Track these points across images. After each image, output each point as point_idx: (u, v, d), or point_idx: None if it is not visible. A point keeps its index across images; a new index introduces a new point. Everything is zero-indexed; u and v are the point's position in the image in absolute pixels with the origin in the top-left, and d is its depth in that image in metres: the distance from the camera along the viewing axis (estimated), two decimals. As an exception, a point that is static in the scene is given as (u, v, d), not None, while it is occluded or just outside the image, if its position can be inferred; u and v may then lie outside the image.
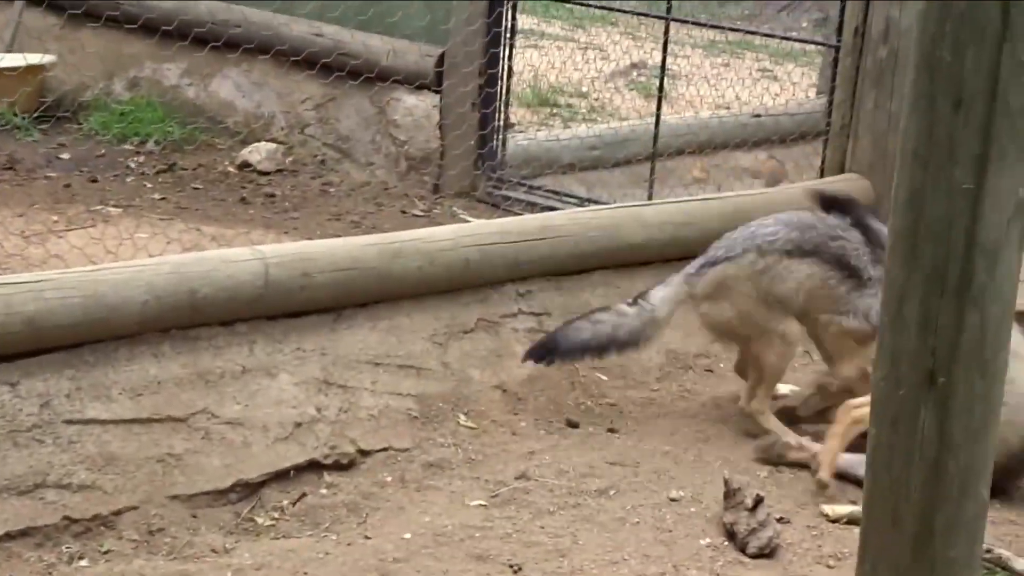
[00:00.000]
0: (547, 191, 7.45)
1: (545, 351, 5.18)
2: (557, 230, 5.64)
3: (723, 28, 9.94)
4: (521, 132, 8.44)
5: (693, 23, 10.07)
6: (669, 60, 11.86)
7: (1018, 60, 1.94)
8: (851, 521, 4.68)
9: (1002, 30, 1.94)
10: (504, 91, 7.48)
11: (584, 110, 10.30)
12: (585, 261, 5.64)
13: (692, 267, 5.32)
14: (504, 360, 5.38)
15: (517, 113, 9.84)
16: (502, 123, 7.53)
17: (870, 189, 6.51)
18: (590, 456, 4.98)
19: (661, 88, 7.41)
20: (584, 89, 10.83)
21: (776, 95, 9.20)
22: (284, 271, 4.86)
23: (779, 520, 4.62)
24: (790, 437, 5.19)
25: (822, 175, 6.71)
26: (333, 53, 7.65)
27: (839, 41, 6.65)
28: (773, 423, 5.28)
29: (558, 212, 6.08)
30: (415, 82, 7.53)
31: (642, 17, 12.31)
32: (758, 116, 8.65)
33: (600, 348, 5.21)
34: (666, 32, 7.26)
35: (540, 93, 10.39)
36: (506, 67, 7.46)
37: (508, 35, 7.44)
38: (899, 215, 2.05)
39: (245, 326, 4.84)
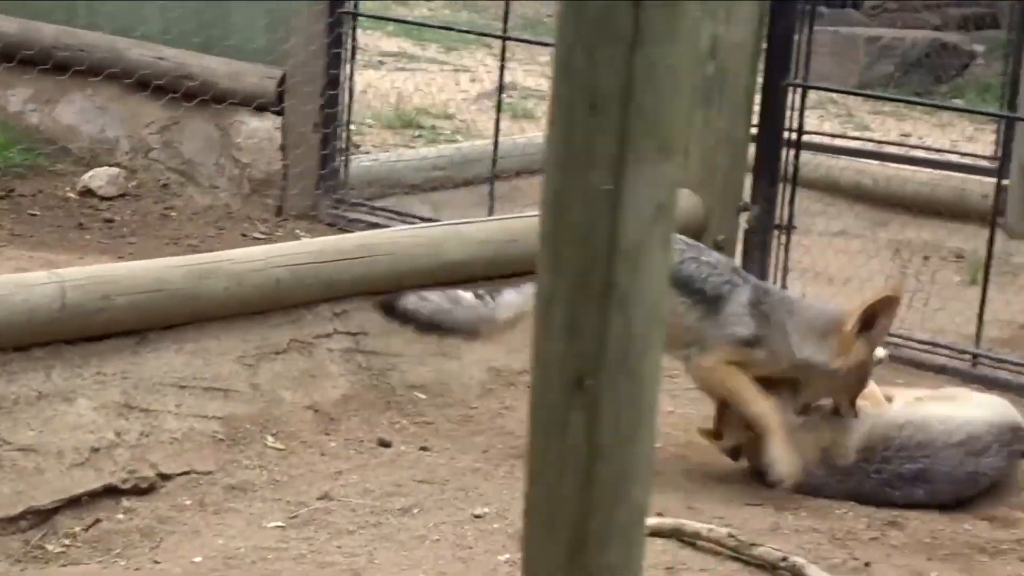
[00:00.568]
0: (390, 212, 7.43)
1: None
2: (375, 249, 5.61)
3: (547, 45, 9.93)
4: (366, 153, 8.41)
5: (527, 41, 10.10)
6: (538, 81, 12.02)
7: (650, 62, 1.93)
8: (654, 533, 4.66)
9: (634, 33, 1.93)
10: (346, 112, 7.45)
11: (448, 131, 10.30)
12: (404, 280, 5.60)
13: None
14: (318, 380, 5.35)
15: (379, 135, 9.85)
16: (344, 144, 7.50)
17: (700, 205, 6.54)
18: (398, 475, 4.95)
19: (499, 108, 7.40)
20: (450, 111, 10.84)
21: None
22: (82, 294, 4.79)
23: (583, 535, 4.61)
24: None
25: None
26: (175, 76, 7.59)
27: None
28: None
29: (377, 231, 6.07)
30: (256, 103, 7.48)
31: (510, 41, 12.36)
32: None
33: (420, 326, 5.26)
34: (503, 51, 7.26)
35: (404, 115, 10.37)
36: (347, 87, 7.43)
37: (349, 56, 7.41)
38: (544, 220, 2.04)
39: (42, 351, 4.77)
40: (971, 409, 5.22)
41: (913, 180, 8.60)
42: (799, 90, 6.63)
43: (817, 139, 9.43)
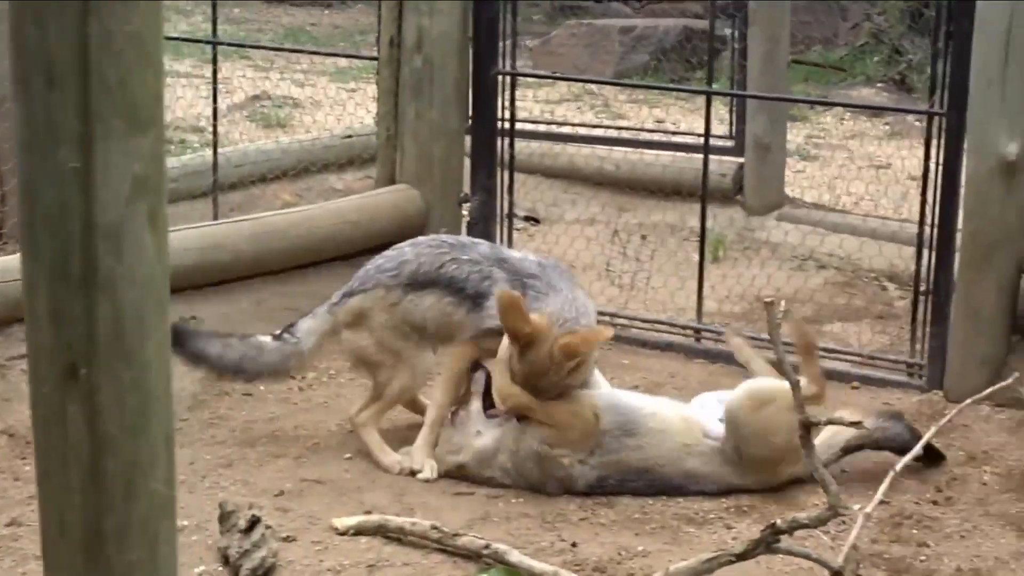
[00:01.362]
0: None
1: (175, 335, 5.03)
2: (70, 265, 5.44)
3: (270, 48, 9.90)
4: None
5: (235, 44, 10.03)
6: (296, 89, 11.89)
7: (107, 30, 1.84)
8: (358, 532, 4.62)
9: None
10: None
11: (197, 144, 10.11)
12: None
13: (335, 297, 5.31)
14: (13, 404, 5.18)
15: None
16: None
17: (419, 199, 6.49)
18: (98, 494, 4.79)
19: (215, 116, 7.27)
20: (201, 124, 10.64)
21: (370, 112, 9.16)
22: None
23: (285, 539, 4.53)
24: (384, 456, 5.19)
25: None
26: None
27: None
28: (373, 439, 5.25)
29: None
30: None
31: (266, 51, 12.25)
32: (349, 136, 8.59)
33: (224, 370, 5.25)
34: (214, 59, 7.14)
35: (151, 131, 10.14)
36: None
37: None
38: (20, 206, 1.94)
39: None
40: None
41: (656, 163, 8.65)
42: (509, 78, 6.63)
43: (556, 129, 9.48)
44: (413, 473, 5.14)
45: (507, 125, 6.61)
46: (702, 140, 8.96)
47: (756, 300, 7.20)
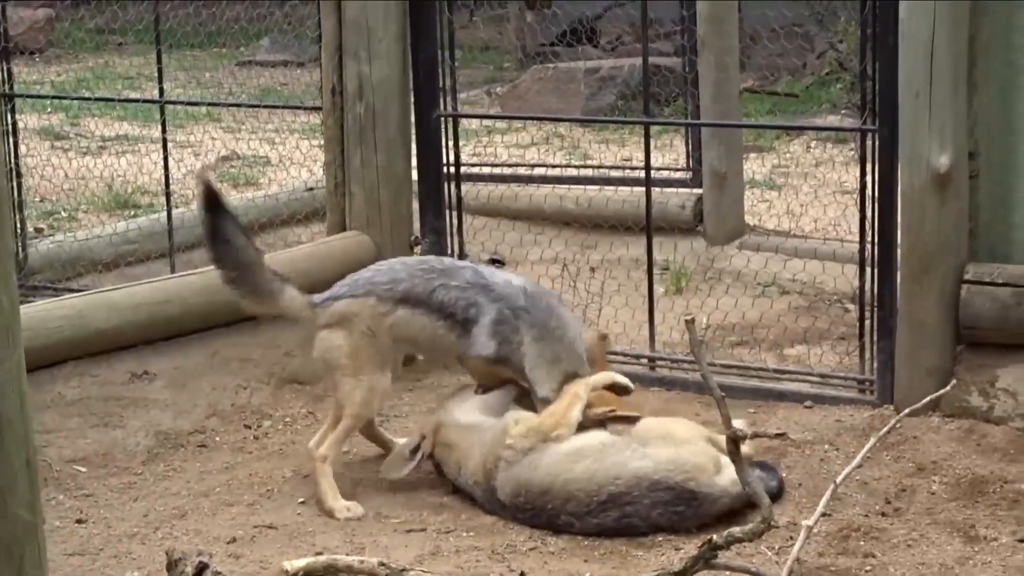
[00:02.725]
0: (77, 291, 7.28)
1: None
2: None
3: (218, 104, 10.02)
4: (49, 236, 8.28)
5: (185, 103, 10.13)
6: (265, 147, 11.98)
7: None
8: (308, 573, 4.63)
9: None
10: (16, 195, 7.32)
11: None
12: (50, 353, 5.51)
13: (315, 297, 5.42)
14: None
15: (96, 219, 9.70)
16: (18, 228, 7.36)
17: (370, 243, 6.55)
18: (50, 551, 4.82)
19: (167, 176, 7.34)
20: (173, 186, 10.71)
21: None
22: None
23: (237, 583, 4.57)
24: (331, 498, 5.21)
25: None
26: None
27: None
28: (326, 480, 5.26)
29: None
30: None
31: (236, 110, 12.35)
32: (311, 189, 8.66)
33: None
34: (162, 117, 7.22)
35: (120, 196, 10.25)
36: (12, 169, 7.31)
37: (10, 136, 7.29)
38: None
39: None
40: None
41: (616, 199, 8.71)
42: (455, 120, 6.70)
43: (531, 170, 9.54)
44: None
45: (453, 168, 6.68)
46: (661, 174, 9.15)
47: (720, 328, 7.25)
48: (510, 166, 9.75)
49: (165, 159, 7.39)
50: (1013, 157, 5.65)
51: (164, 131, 7.34)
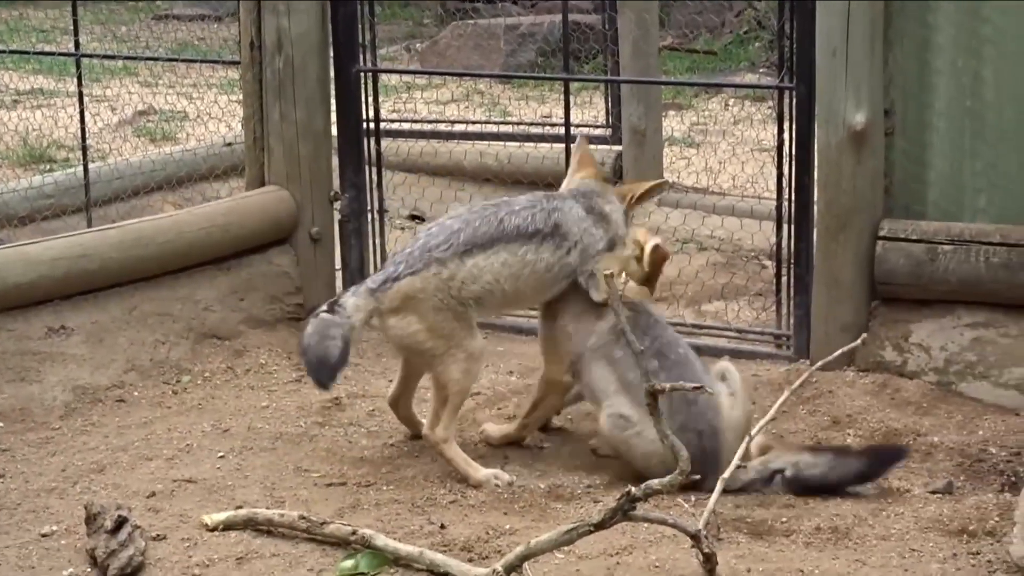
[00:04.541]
0: (-7, 246, 7.21)
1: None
2: (-70, 279, 5.45)
3: (132, 58, 10.00)
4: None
5: (104, 57, 10.05)
6: (183, 102, 11.87)
7: None
8: (228, 527, 4.65)
9: None
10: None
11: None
12: (-37, 309, 5.45)
13: (373, 282, 5.10)
14: None
15: (10, 172, 9.59)
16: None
17: (290, 199, 6.52)
18: (-35, 506, 4.81)
19: (83, 130, 7.28)
20: (89, 141, 10.60)
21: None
22: None
23: (154, 538, 4.56)
24: (473, 471, 5.06)
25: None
26: None
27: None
28: (457, 454, 5.09)
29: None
30: None
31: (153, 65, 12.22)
32: (229, 144, 8.61)
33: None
34: (78, 67, 7.15)
35: (35, 150, 10.13)
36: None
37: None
38: None
39: None
40: None
41: (535, 155, 8.72)
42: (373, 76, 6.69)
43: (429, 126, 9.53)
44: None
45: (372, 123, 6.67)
46: (581, 130, 9.17)
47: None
48: (430, 122, 9.74)
49: (81, 113, 7.33)
50: (927, 115, 5.71)
51: (80, 85, 7.28)
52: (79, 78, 7.33)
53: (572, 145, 6.26)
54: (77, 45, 7.36)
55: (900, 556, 4.39)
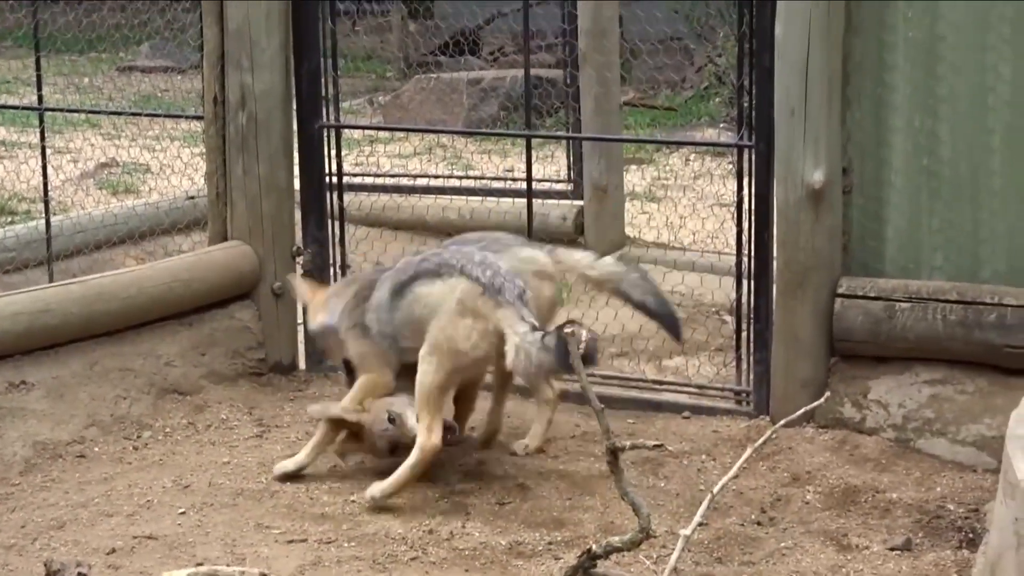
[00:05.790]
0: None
1: None
2: None
3: (93, 112, 10.01)
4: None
5: (67, 111, 10.10)
6: (146, 155, 11.87)
7: None
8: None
9: None
10: None
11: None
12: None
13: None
14: None
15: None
16: None
17: (252, 253, 6.53)
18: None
19: (45, 183, 7.27)
20: (50, 194, 10.58)
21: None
22: None
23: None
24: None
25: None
26: None
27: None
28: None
29: None
30: None
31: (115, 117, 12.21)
32: (192, 198, 8.62)
33: None
34: (40, 121, 7.16)
35: (-7, 203, 10.13)
36: None
37: None
38: None
39: None
40: None
41: (497, 210, 8.76)
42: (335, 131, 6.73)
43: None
44: None
45: (335, 178, 6.71)
46: (543, 186, 9.23)
47: (599, 339, 7.29)
48: (392, 176, 9.78)
49: (44, 167, 7.33)
50: (885, 172, 5.78)
51: (43, 139, 7.27)
52: (42, 132, 7.33)
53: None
54: (40, 99, 7.36)
55: (859, 613, 4.42)
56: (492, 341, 5.24)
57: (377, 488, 5.30)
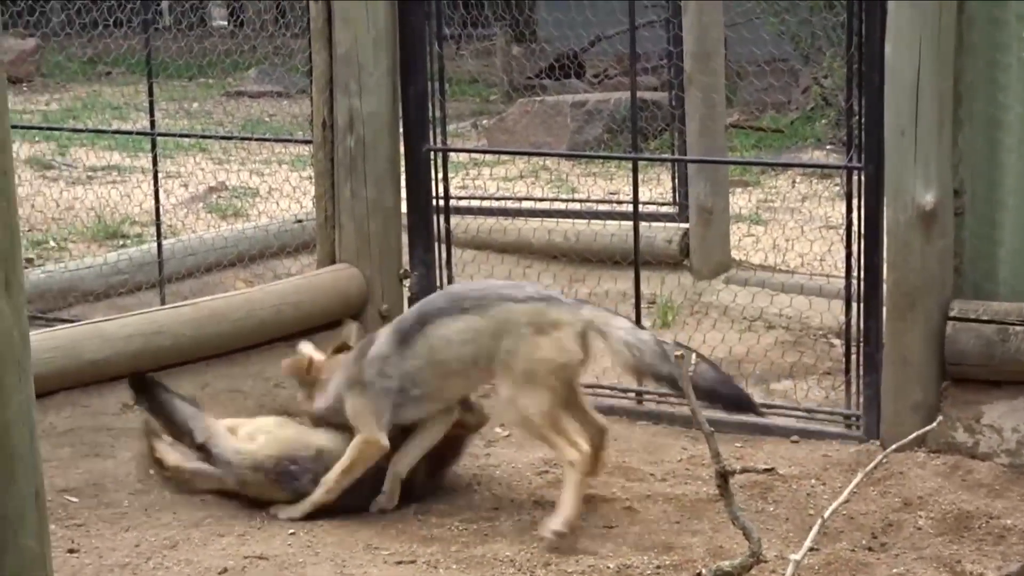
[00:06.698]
0: (66, 321, 7.30)
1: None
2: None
3: (205, 136, 10.05)
4: (39, 266, 8.31)
5: (177, 135, 10.18)
6: (254, 179, 12.02)
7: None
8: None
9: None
10: None
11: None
12: (42, 383, 5.47)
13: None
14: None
15: (86, 248, 9.74)
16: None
17: (359, 276, 6.59)
18: (39, 581, 4.84)
19: (157, 206, 7.38)
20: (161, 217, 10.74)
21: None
22: None
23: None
24: None
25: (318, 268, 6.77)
26: None
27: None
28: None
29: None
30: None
31: (225, 141, 12.40)
32: (300, 221, 8.71)
33: None
34: (153, 146, 7.27)
35: (109, 226, 10.28)
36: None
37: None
38: None
39: None
40: None
41: (604, 233, 8.76)
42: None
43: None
44: None
45: (442, 201, 6.74)
46: (648, 208, 9.22)
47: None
48: (498, 199, 9.81)
49: (156, 190, 7.44)
50: (998, 193, 5.71)
51: (155, 164, 7.38)
52: (154, 156, 7.45)
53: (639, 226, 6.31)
54: (153, 124, 7.49)
55: (974, 641, 4.35)
56: (582, 342, 5.20)
57: (556, 522, 5.11)
